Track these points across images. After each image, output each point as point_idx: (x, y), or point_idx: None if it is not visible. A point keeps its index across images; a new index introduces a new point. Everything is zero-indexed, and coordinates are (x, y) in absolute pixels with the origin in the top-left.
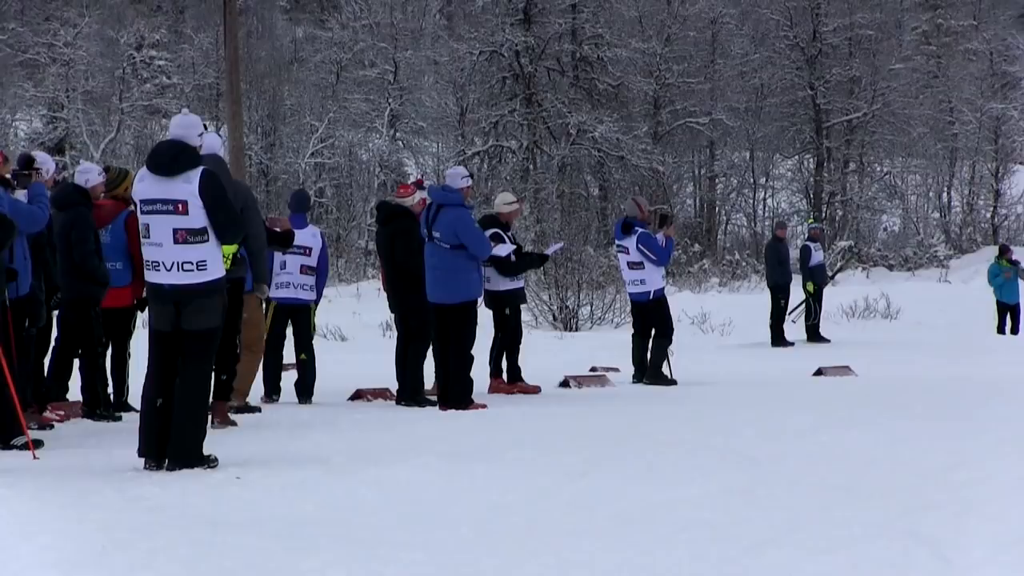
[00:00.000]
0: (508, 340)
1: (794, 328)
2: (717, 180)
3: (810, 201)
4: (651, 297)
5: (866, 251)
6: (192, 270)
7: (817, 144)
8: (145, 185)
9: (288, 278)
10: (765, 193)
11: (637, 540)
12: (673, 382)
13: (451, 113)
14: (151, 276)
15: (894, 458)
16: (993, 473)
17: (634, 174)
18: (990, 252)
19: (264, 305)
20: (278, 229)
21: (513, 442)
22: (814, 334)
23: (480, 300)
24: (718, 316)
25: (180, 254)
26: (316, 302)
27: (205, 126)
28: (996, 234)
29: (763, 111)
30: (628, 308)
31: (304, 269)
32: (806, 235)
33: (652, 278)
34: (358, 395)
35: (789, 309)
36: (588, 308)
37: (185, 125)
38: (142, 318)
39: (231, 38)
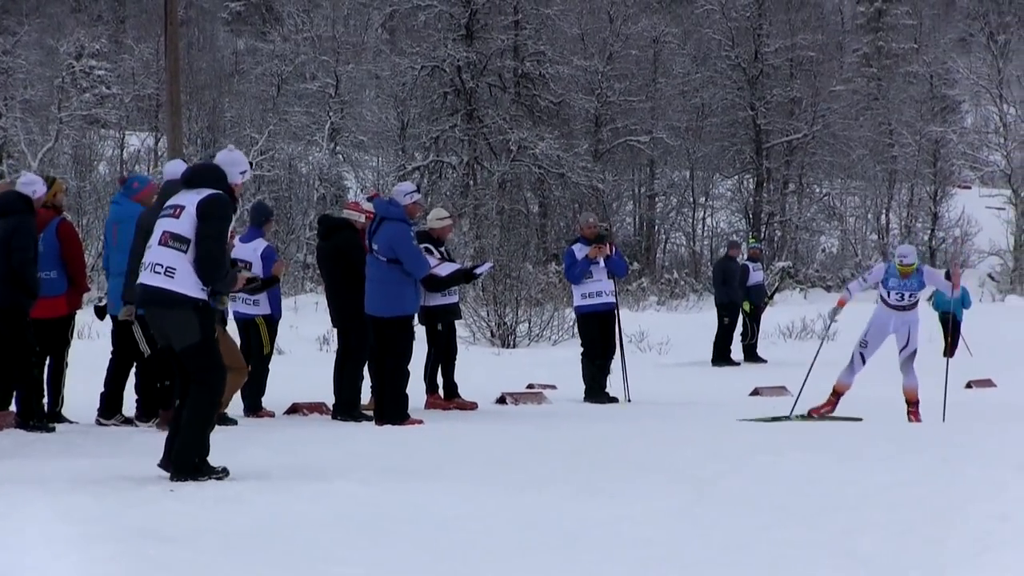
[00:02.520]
0: (442, 356)
1: (738, 348)
2: (657, 199)
3: (749, 221)
4: (575, 313)
5: (804, 272)
6: (160, 273)
7: (757, 164)
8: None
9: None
10: (704, 212)
11: (578, 558)
12: (613, 400)
13: (392, 128)
14: None
15: (832, 478)
16: (931, 495)
17: (574, 191)
18: None
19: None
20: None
21: (451, 458)
22: (751, 354)
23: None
24: (656, 335)
25: (157, 255)
26: (269, 317)
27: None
28: (934, 257)
29: (704, 130)
30: (566, 325)
31: None
32: (745, 255)
33: (574, 294)
34: (294, 409)
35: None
36: (526, 325)
37: (228, 162)
38: (78, 328)
39: (172, 49)
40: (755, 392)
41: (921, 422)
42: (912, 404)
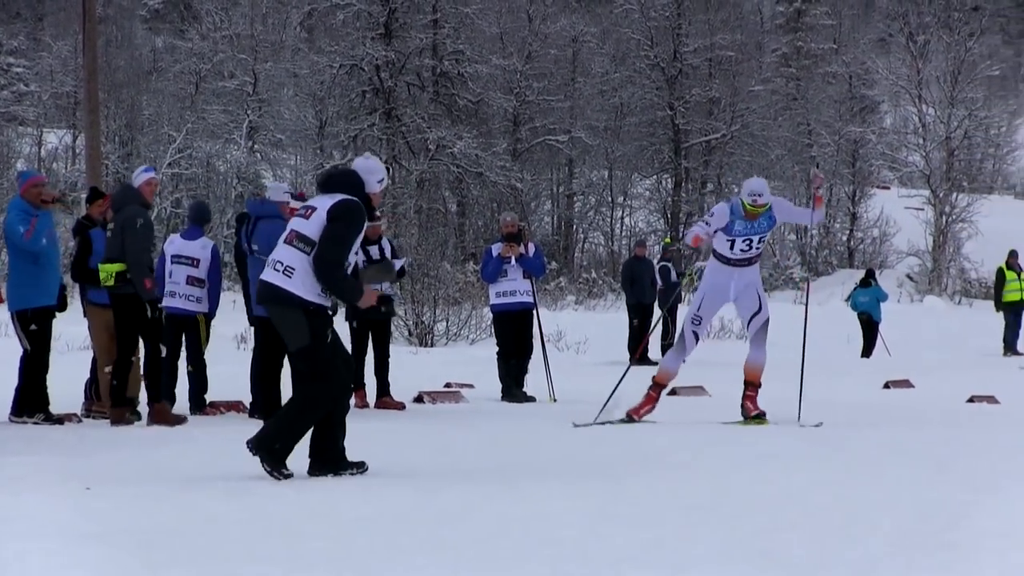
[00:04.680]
0: (362, 354)
1: (657, 347)
2: (575, 198)
3: (667, 221)
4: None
5: None
6: (280, 271)
7: (675, 164)
8: None
9: (174, 287)
10: (623, 212)
11: (497, 556)
12: (531, 399)
13: (310, 126)
14: None
15: (753, 478)
16: (851, 495)
17: (492, 191)
18: (845, 275)
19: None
20: None
21: (367, 457)
22: None
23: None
24: (574, 334)
25: (281, 253)
26: (208, 314)
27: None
28: (852, 257)
29: (622, 130)
30: (484, 324)
31: (191, 280)
32: (659, 255)
33: (489, 293)
34: (212, 407)
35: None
36: (444, 324)
37: (366, 170)
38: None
39: (90, 46)
40: (673, 392)
41: (759, 410)
42: (752, 387)
